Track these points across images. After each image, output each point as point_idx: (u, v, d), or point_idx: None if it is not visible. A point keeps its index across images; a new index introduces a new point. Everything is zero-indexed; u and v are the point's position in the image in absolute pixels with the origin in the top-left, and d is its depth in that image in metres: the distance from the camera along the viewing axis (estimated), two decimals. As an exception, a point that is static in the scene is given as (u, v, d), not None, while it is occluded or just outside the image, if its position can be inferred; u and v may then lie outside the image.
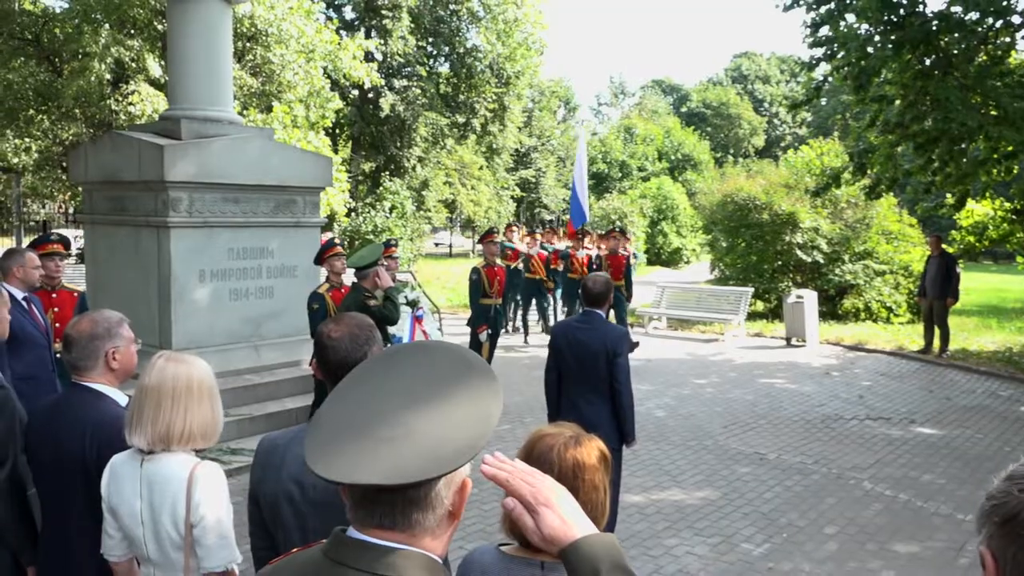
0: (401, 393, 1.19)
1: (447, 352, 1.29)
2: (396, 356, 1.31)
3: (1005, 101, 9.34)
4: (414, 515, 1.15)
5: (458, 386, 1.20)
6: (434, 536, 1.18)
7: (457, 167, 33.71)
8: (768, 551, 5.27)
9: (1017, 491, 1.00)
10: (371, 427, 1.14)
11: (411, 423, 1.13)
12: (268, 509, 2.13)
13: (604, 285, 4.64)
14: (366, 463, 1.09)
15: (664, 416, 8.65)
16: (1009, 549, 0.99)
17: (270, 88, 19.10)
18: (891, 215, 17.03)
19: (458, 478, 1.19)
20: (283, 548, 2.08)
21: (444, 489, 1.16)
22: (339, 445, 1.13)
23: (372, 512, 1.15)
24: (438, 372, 1.23)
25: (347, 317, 2.25)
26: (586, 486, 1.75)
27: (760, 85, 65.57)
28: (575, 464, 1.77)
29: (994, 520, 1.01)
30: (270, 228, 8.18)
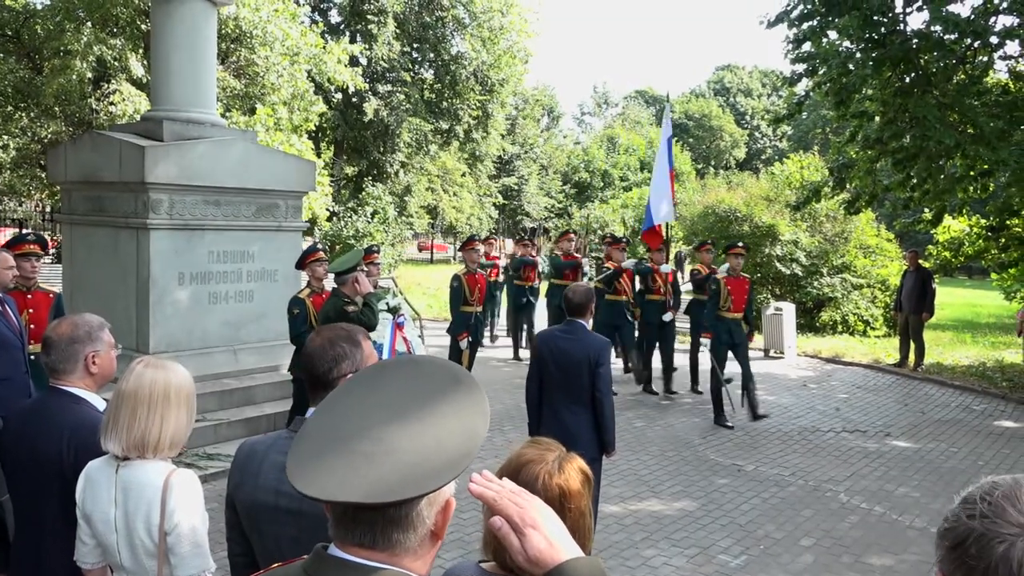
0: (386, 408, 1.18)
1: (436, 367, 1.28)
2: (385, 370, 1.31)
3: (981, 120, 9.48)
4: (394, 535, 1.14)
5: (444, 403, 1.19)
6: (416, 556, 1.17)
7: (440, 173, 33.69)
8: (745, 563, 5.29)
9: (966, 517, 1.01)
10: (353, 442, 1.13)
11: (394, 439, 1.12)
12: (245, 515, 2.11)
13: (584, 295, 4.66)
14: (346, 480, 1.08)
15: (643, 426, 8.67)
16: (957, 573, 1.00)
17: (254, 90, 18.98)
18: (869, 229, 17.24)
19: (441, 497, 1.18)
20: (259, 555, 2.07)
21: (426, 508, 1.15)
22: (320, 460, 1.12)
23: (352, 530, 1.14)
24: (425, 387, 1.22)
25: (332, 326, 2.24)
26: (573, 514, 1.74)
27: (742, 98, 66.11)
28: (561, 493, 1.75)
29: (945, 544, 1.03)
30: (251, 232, 8.13)
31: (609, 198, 41.85)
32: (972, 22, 9.51)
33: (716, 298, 8.79)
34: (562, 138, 52.41)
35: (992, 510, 0.99)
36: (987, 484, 1.04)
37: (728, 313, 8.76)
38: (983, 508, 1.00)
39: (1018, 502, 0.99)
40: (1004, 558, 0.95)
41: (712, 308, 8.82)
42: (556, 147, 47.01)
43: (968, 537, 0.99)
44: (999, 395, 10.70)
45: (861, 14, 9.63)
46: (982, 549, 0.97)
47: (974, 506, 1.02)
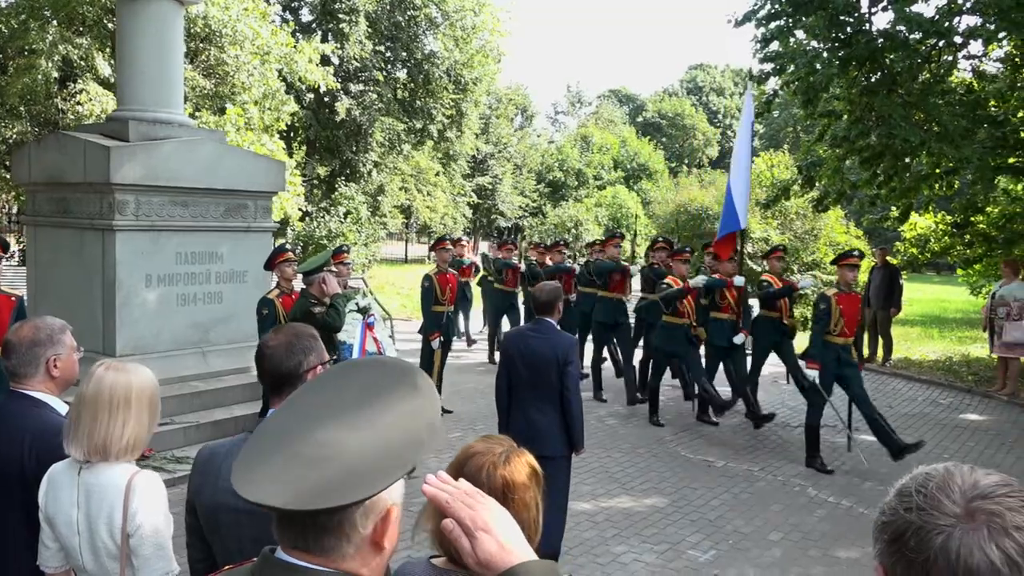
0: (336, 411, 1.17)
1: (396, 372, 1.27)
2: (342, 371, 1.30)
3: (945, 119, 9.64)
4: (326, 541, 1.13)
5: (394, 410, 1.18)
6: (362, 562, 1.17)
7: (413, 173, 33.58)
8: (714, 557, 5.34)
9: (903, 510, 1.02)
10: (296, 444, 1.12)
11: (335, 444, 1.11)
12: (205, 519, 2.10)
13: (551, 293, 4.68)
14: (278, 483, 1.08)
15: (615, 424, 8.72)
16: (897, 567, 1.01)
17: (223, 90, 18.81)
18: (838, 227, 17.49)
19: (380, 506, 1.16)
20: (220, 558, 2.06)
21: (361, 518, 1.14)
22: (259, 461, 1.12)
23: (287, 533, 1.15)
24: (380, 392, 1.21)
25: (289, 327, 2.24)
26: (516, 505, 1.75)
27: (714, 97, 66.60)
28: (504, 484, 1.77)
29: (884, 538, 1.03)
30: (220, 233, 8.06)
31: (583, 197, 42.01)
32: (936, 22, 9.66)
33: (825, 320, 7.23)
34: (536, 137, 52.44)
35: (928, 502, 1.00)
36: (921, 475, 1.05)
37: (838, 338, 7.23)
38: (919, 500, 1.01)
39: (952, 492, 1.00)
40: (943, 549, 0.96)
41: (820, 332, 7.27)
42: (530, 146, 47.03)
43: (906, 530, 1.00)
44: (965, 389, 10.89)
45: (827, 14, 9.75)
46: (920, 542, 0.98)
47: (910, 498, 1.02)
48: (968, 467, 1.04)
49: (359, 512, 1.13)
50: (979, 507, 0.98)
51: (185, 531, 2.24)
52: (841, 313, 7.20)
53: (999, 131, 10.41)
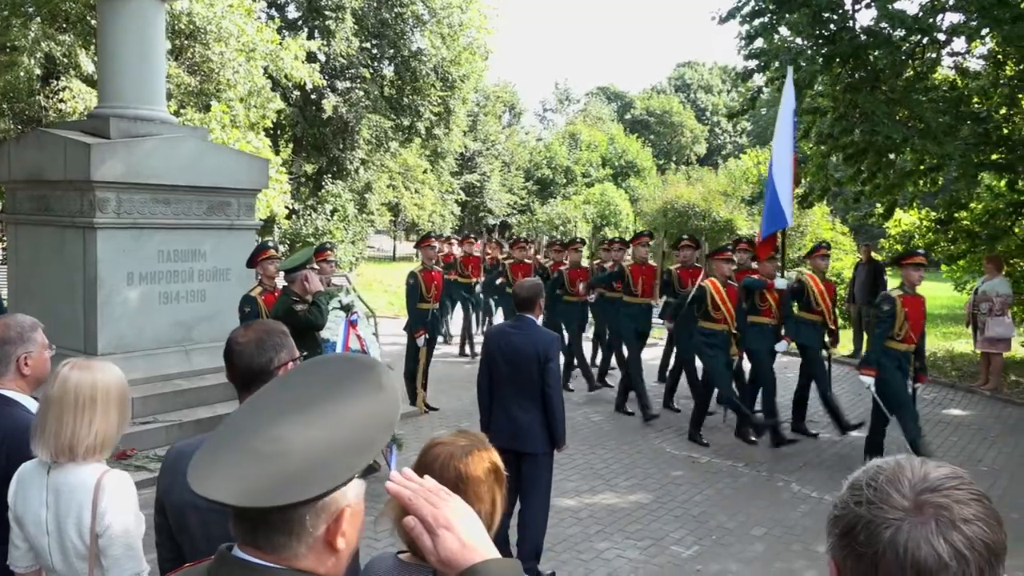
0: (295, 407, 1.17)
1: (362, 369, 1.26)
2: (309, 368, 1.30)
3: (928, 116, 9.69)
4: (275, 539, 1.12)
5: (353, 409, 1.17)
6: (317, 561, 1.16)
7: (401, 170, 33.51)
8: (697, 553, 5.36)
9: (854, 503, 1.01)
10: (252, 440, 1.12)
11: (287, 441, 1.10)
12: (174, 518, 2.09)
13: (531, 289, 4.68)
14: (229, 479, 1.07)
15: (601, 420, 8.73)
16: (847, 561, 1.01)
17: (209, 87, 18.72)
18: (824, 223, 17.56)
19: (332, 507, 1.15)
20: (189, 557, 2.04)
21: (312, 517, 1.13)
22: (214, 457, 1.12)
23: (239, 530, 1.14)
24: (343, 390, 1.20)
25: (258, 323, 2.23)
26: (468, 498, 1.75)
27: (702, 94, 66.70)
28: (458, 476, 1.78)
29: (836, 532, 1.03)
30: (203, 230, 8.02)
31: (572, 195, 42.03)
32: (919, 19, 9.71)
33: (888, 323, 6.60)
34: (524, 135, 52.42)
35: (877, 495, 1.00)
36: (872, 469, 1.05)
37: (901, 344, 6.62)
38: (869, 494, 1.01)
39: (901, 485, 1.00)
40: (891, 543, 0.96)
41: (881, 336, 6.65)
42: (518, 144, 47.00)
43: (856, 524, 1.00)
44: (948, 384, 10.95)
45: (810, 11, 9.78)
46: (870, 536, 0.98)
47: (860, 492, 1.02)
48: (919, 460, 1.04)
49: (309, 512, 1.12)
50: (927, 500, 0.98)
51: (155, 531, 2.22)
52: (906, 316, 6.59)
53: (982, 128, 10.47)
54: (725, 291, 7.64)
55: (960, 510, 0.97)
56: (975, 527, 0.96)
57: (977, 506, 0.99)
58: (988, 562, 0.95)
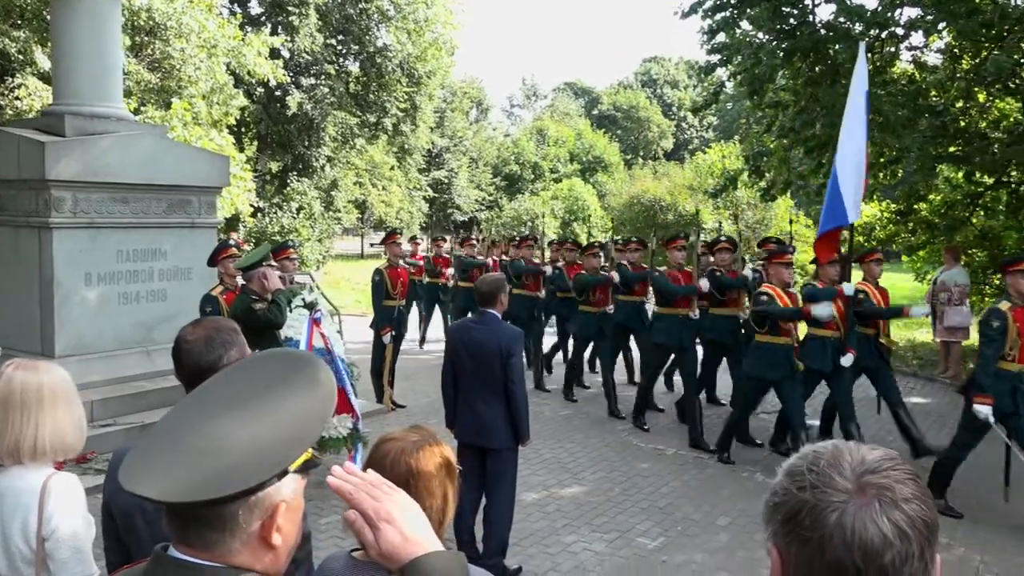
0: (231, 403, 1.16)
1: (300, 364, 1.25)
2: (250, 363, 1.30)
3: (887, 109, 9.81)
4: (207, 535, 1.11)
5: (287, 404, 1.16)
6: (253, 558, 1.14)
7: (368, 167, 33.31)
8: (663, 544, 5.39)
9: (796, 489, 1.02)
10: (184, 437, 1.11)
11: (220, 437, 1.09)
12: (121, 520, 2.05)
13: (493, 284, 4.67)
14: (157, 475, 1.06)
15: (569, 414, 8.76)
16: (792, 546, 1.01)
17: (170, 84, 18.43)
18: (788, 216, 17.74)
19: (266, 502, 1.13)
20: (137, 559, 2.01)
21: (245, 513, 1.11)
22: (147, 453, 1.11)
23: (172, 528, 1.13)
24: (279, 385, 1.19)
25: (207, 320, 2.19)
26: (418, 493, 1.76)
27: (668, 89, 67.09)
28: (408, 471, 1.78)
29: (778, 519, 1.03)
30: (163, 229, 7.90)
31: (540, 190, 42.08)
32: (877, 14, 9.83)
33: (999, 342, 5.67)
34: (491, 130, 52.41)
35: (820, 480, 1.01)
36: (810, 454, 1.06)
37: (1013, 364, 5.70)
38: (812, 479, 1.01)
39: (843, 469, 1.01)
40: (838, 525, 0.97)
41: (992, 357, 5.68)
42: (486, 139, 46.97)
43: (801, 509, 1.00)
44: (910, 373, 11.14)
45: (771, 5, 9.87)
46: (815, 520, 0.98)
47: (802, 477, 1.02)
48: (854, 444, 1.05)
49: (241, 507, 1.11)
50: (869, 482, 0.99)
51: (103, 534, 2.18)
52: (1019, 332, 5.70)
53: (939, 121, 10.64)
54: None
55: (901, 490, 0.98)
56: (914, 506, 0.98)
57: (913, 486, 1.00)
58: (927, 539, 0.97)
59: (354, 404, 6.16)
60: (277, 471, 1.10)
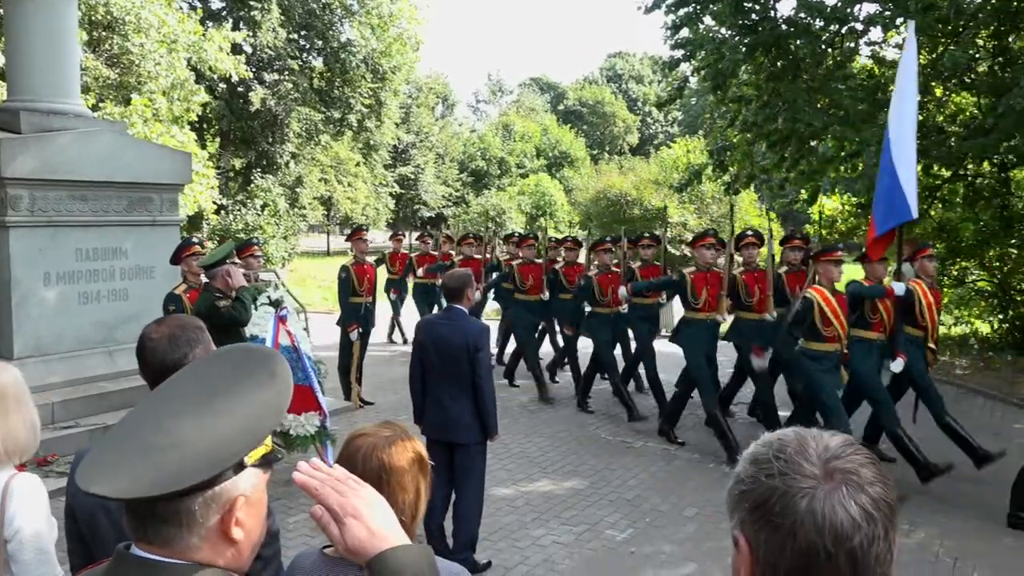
0: (190, 399, 1.16)
1: (258, 359, 1.25)
2: (210, 360, 1.30)
3: (847, 104, 9.98)
4: (165, 531, 1.11)
5: (239, 397, 1.16)
6: (214, 553, 1.14)
7: (333, 164, 33.04)
8: (631, 536, 5.44)
9: (764, 477, 1.03)
10: (142, 435, 1.11)
11: (176, 433, 1.09)
12: (84, 522, 2.02)
13: (460, 279, 4.67)
14: (113, 473, 1.06)
15: (537, 410, 8.78)
16: (761, 533, 1.02)
17: (129, 79, 18.11)
18: (752, 210, 17.95)
19: (224, 496, 1.13)
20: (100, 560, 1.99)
21: (202, 508, 1.11)
22: (104, 453, 1.10)
23: (131, 526, 1.13)
24: (231, 380, 1.19)
25: (172, 318, 2.17)
26: (391, 488, 1.76)
27: (634, 84, 67.43)
28: (380, 466, 1.78)
29: (745, 506, 1.04)
30: (123, 227, 7.77)
31: (506, 186, 42.07)
32: (837, 9, 9.98)
33: None
34: (457, 126, 52.28)
35: (789, 467, 1.02)
36: (775, 441, 1.07)
37: None
38: (780, 466, 1.03)
39: (809, 456, 1.03)
40: (809, 511, 0.98)
41: None
42: (452, 135, 46.85)
43: (771, 496, 1.01)
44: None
45: (733, 1, 9.96)
46: (786, 506, 1.00)
47: (770, 465, 1.04)
48: (815, 430, 1.07)
49: (198, 502, 1.10)
50: (835, 467, 1.01)
51: (66, 537, 2.15)
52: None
53: (898, 115, 10.82)
54: None
55: (865, 473, 1.01)
56: (878, 488, 1.00)
57: (874, 469, 1.02)
58: (890, 520, 1.00)
59: (322, 402, 6.12)
60: (230, 463, 1.10)
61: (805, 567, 0.98)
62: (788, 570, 1.00)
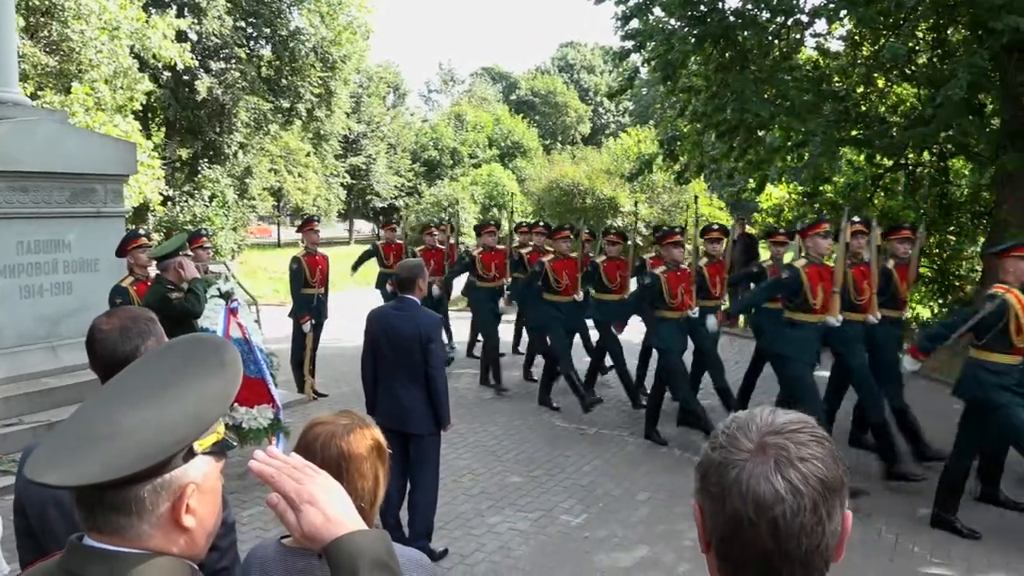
0: (137, 389, 1.16)
1: (209, 348, 1.25)
2: (162, 351, 1.30)
3: (793, 94, 10.17)
4: (115, 520, 1.11)
5: (190, 386, 1.17)
6: (167, 541, 1.15)
7: (283, 154, 32.55)
8: (585, 521, 5.51)
9: (710, 449, 1.10)
10: (90, 426, 1.11)
11: (123, 422, 1.10)
12: (35, 517, 1.99)
13: (412, 269, 4.67)
14: (60, 463, 1.06)
15: (492, 399, 8.82)
16: (705, 501, 1.09)
17: (69, 67, 17.59)
18: (703, 199, 18.20)
19: (174, 484, 1.13)
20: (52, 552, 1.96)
21: (151, 495, 1.11)
22: (53, 444, 1.10)
23: (81, 516, 1.13)
24: (181, 370, 1.19)
25: (122, 309, 2.14)
26: (350, 475, 1.78)
27: (586, 74, 67.63)
28: (340, 454, 1.79)
29: (697, 476, 1.11)
30: (67, 219, 7.58)
31: (459, 176, 41.92)
32: (783, 1, 10.15)
33: None
34: (409, 116, 51.89)
35: (728, 440, 1.08)
36: (729, 418, 1.14)
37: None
38: (722, 440, 1.09)
39: (750, 431, 1.08)
40: (736, 481, 1.04)
41: None
42: (403, 125, 46.48)
43: (710, 467, 1.08)
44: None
45: (682, -8, 10.07)
46: (720, 476, 1.06)
47: (716, 439, 1.10)
48: (771, 408, 1.12)
49: (147, 490, 1.11)
50: (769, 442, 1.06)
51: (15, 534, 2.11)
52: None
53: (842, 105, 11.07)
54: None
55: (799, 450, 1.05)
56: (810, 465, 1.04)
57: (816, 447, 1.07)
58: (822, 495, 1.04)
59: (274, 394, 6.07)
60: (177, 449, 1.10)
61: (732, 532, 1.04)
62: (721, 535, 1.06)
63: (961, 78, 8.34)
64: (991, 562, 4.95)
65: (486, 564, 4.86)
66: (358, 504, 1.38)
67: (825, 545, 1.05)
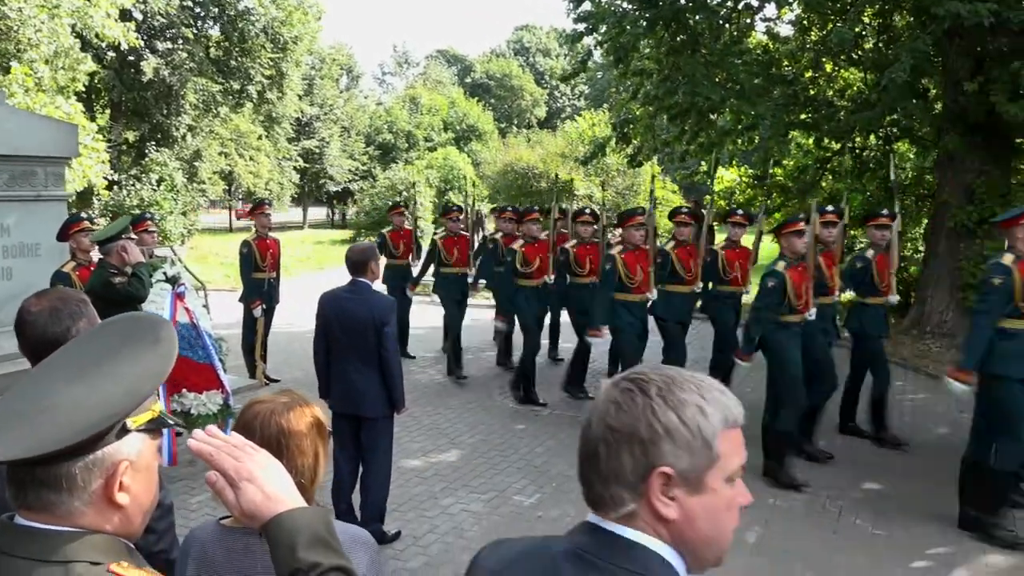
0: (70, 367, 1.15)
1: (136, 325, 1.25)
2: (98, 329, 1.30)
3: (743, 78, 10.30)
4: (45, 496, 1.10)
5: (123, 362, 1.16)
6: (101, 518, 1.13)
7: (233, 137, 31.94)
8: (538, 501, 5.56)
9: None
10: (20, 404, 1.10)
11: (54, 398, 1.09)
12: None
13: (364, 252, 4.64)
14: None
15: (444, 381, 8.82)
16: None
17: (7, 46, 17.02)
18: (656, 182, 18.37)
19: (106, 461, 1.12)
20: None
21: (83, 472, 1.10)
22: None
23: (11, 493, 1.12)
24: (116, 347, 1.19)
25: (52, 291, 2.10)
26: (290, 452, 1.78)
27: (541, 58, 67.52)
28: (279, 431, 1.79)
29: None
30: (5, 203, 7.34)
31: (414, 159, 41.62)
32: (733, -15, 10.27)
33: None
34: (363, 99, 51.28)
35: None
36: None
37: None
38: None
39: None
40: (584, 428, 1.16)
41: None
42: (357, 108, 45.91)
43: None
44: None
45: (634, -25, 10.10)
46: None
47: None
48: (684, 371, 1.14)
49: (79, 466, 1.10)
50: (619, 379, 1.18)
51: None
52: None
53: (791, 89, 11.25)
54: None
55: (609, 394, 1.14)
56: (611, 409, 1.12)
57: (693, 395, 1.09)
58: (606, 441, 1.12)
59: (223, 380, 5.99)
60: (109, 424, 1.09)
61: None
62: None
63: (904, 62, 8.52)
64: (926, 532, 5.12)
65: (439, 545, 4.88)
66: (298, 481, 1.38)
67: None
